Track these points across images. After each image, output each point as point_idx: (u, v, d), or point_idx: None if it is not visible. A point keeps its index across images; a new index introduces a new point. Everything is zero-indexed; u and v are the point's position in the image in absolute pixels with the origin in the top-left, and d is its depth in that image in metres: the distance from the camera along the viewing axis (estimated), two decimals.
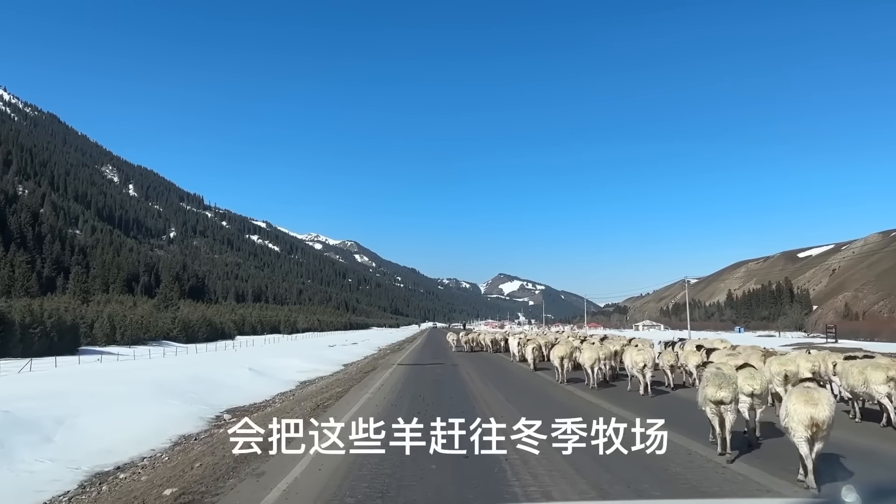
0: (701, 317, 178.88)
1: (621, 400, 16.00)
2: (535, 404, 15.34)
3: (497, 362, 28.48)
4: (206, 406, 15.51)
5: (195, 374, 20.54)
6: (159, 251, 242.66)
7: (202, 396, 16.51)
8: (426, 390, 18.37)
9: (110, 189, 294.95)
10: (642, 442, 7.31)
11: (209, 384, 18.54)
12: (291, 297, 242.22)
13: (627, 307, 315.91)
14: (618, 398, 16.36)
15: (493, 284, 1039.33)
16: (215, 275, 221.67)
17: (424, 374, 22.11)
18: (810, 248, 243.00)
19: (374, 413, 12.15)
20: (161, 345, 56.98)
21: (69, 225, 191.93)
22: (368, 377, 21.05)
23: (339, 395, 17.79)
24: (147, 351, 45.26)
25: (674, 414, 11.41)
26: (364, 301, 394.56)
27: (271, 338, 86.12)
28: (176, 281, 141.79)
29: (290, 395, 19.04)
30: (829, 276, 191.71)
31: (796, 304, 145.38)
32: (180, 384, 17.83)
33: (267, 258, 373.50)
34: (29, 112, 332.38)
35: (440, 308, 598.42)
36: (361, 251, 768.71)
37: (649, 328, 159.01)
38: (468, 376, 21.76)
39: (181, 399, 15.66)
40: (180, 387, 17.29)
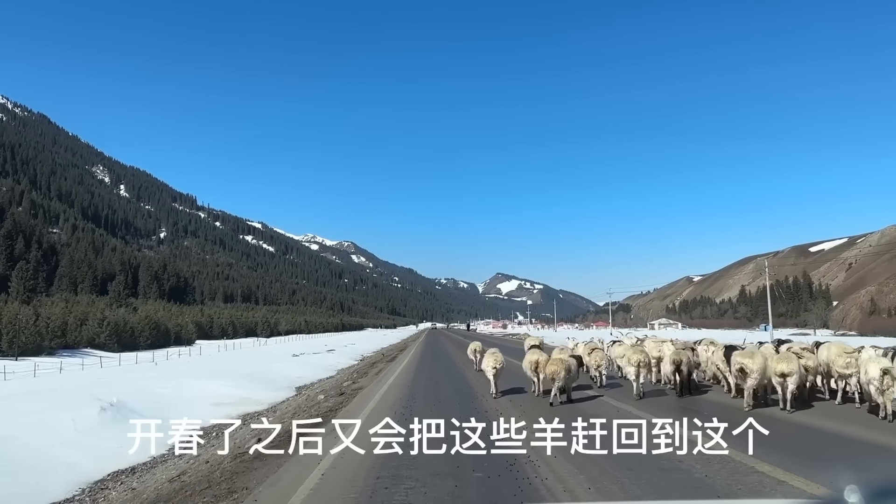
0: (713, 314, 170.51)
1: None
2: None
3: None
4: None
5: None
6: (148, 251, 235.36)
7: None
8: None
9: (99, 189, 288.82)
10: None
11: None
12: (284, 297, 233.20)
13: (630, 305, 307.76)
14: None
15: (491, 284, 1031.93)
16: (204, 275, 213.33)
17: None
18: (822, 242, 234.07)
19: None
20: (75, 355, 46.38)
21: (49, 223, 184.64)
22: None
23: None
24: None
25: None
26: (360, 301, 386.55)
27: (240, 342, 73.77)
28: (154, 281, 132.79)
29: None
30: (845, 271, 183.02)
31: (818, 300, 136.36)
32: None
33: (261, 259, 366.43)
34: (18, 112, 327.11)
35: (438, 308, 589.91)
36: (358, 252, 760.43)
37: (666, 327, 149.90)
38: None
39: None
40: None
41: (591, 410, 11.76)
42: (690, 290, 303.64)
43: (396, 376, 21.41)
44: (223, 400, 16.36)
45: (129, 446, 8.64)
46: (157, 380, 19.24)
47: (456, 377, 21.69)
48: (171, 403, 14.87)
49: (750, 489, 6.69)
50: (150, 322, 68.04)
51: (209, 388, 17.82)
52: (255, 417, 15.07)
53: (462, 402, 13.99)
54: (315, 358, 33.93)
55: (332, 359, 34.54)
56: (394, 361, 30.97)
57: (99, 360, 37.99)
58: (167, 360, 39.06)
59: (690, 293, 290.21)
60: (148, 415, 13.63)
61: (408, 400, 14.70)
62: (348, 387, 20.02)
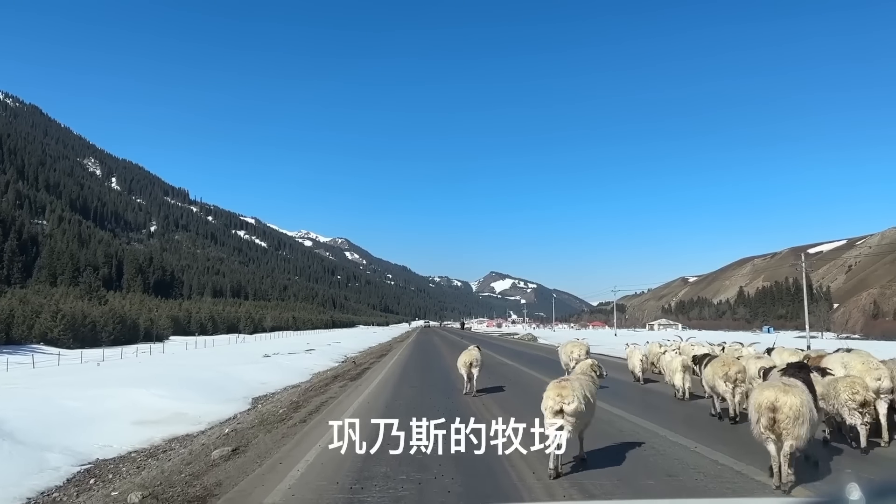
0: (711, 315, 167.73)
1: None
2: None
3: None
4: None
5: None
6: (137, 245, 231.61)
7: None
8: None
9: (90, 181, 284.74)
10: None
11: None
12: (274, 293, 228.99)
13: (625, 306, 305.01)
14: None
15: (484, 282, 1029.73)
16: (193, 269, 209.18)
17: None
18: (820, 244, 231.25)
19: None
20: (18, 352, 40.80)
21: (35, 215, 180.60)
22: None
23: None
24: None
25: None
26: (353, 298, 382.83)
27: (214, 339, 68.18)
28: (139, 274, 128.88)
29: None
30: (845, 273, 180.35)
31: (821, 303, 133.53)
32: None
33: (253, 254, 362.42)
34: (10, 103, 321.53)
35: (431, 306, 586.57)
36: (352, 248, 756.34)
37: (666, 327, 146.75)
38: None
39: None
40: None
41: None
42: (686, 291, 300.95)
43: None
44: (149, 416, 12.83)
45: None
46: (74, 387, 15.60)
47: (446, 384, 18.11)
48: (75, 423, 11.43)
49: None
50: (114, 316, 62.13)
51: (138, 398, 14.24)
52: (185, 442, 11.59)
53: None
54: (289, 359, 29.82)
55: (309, 360, 30.36)
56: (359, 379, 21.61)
57: (44, 358, 34.02)
58: (121, 358, 35.05)
59: (686, 294, 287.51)
60: (28, 440, 10.14)
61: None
62: (315, 395, 16.53)
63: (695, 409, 13.31)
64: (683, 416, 12.52)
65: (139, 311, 69.73)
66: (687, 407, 13.75)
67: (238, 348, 47.91)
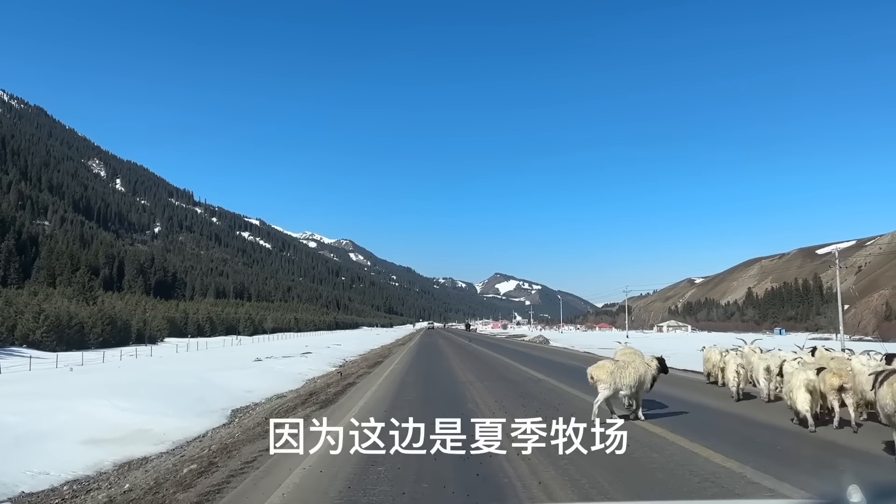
0: (719, 316, 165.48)
1: None
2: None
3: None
4: None
5: None
6: (141, 246, 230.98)
7: None
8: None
9: (94, 182, 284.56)
10: None
11: None
12: (278, 294, 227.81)
13: (631, 307, 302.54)
14: None
15: (489, 284, 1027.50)
16: (197, 271, 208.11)
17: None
18: (829, 245, 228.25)
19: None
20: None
21: (37, 215, 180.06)
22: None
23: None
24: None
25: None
26: (357, 300, 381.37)
27: (208, 341, 65.07)
28: (140, 275, 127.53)
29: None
30: (855, 274, 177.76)
31: (832, 304, 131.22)
32: None
33: (257, 255, 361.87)
34: (14, 105, 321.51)
35: (436, 307, 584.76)
36: (356, 250, 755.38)
37: (675, 329, 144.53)
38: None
39: None
40: None
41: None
42: (693, 293, 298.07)
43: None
44: (104, 434, 11.00)
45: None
46: (23, 398, 13.74)
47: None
48: (7, 443, 9.67)
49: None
50: (103, 316, 59.12)
51: (97, 411, 12.43)
52: (140, 466, 9.80)
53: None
54: (283, 363, 27.63)
55: (303, 364, 28.03)
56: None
57: (17, 362, 31.89)
58: (103, 362, 33.17)
59: (693, 295, 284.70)
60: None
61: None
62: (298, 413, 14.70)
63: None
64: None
65: (132, 312, 67.42)
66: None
67: (232, 351, 45.97)
